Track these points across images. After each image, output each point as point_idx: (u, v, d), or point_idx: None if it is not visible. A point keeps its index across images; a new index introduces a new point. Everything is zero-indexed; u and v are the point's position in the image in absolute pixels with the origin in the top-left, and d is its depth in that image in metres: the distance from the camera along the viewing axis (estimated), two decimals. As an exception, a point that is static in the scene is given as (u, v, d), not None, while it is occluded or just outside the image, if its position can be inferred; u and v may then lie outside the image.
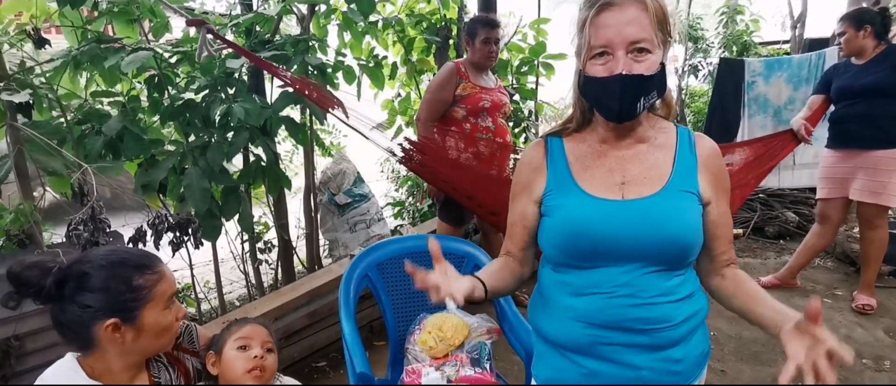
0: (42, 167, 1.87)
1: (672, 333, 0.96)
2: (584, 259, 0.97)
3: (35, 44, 2.09)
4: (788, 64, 4.13)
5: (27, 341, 1.80)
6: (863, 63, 2.70)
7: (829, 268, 3.44)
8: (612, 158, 1.01)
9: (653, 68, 0.91)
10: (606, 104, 0.95)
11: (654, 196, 0.96)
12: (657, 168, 0.99)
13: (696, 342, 1.02)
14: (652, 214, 0.94)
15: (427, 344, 1.74)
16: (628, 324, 0.95)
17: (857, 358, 2.46)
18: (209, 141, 2.27)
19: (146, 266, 1.01)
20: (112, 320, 0.96)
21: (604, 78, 0.92)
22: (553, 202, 1.02)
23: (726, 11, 5.41)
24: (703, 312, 1.04)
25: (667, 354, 0.96)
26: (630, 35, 0.89)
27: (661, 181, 0.97)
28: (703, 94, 6.03)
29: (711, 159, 1.01)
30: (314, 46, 2.56)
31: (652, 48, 0.90)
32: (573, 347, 1.00)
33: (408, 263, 0.93)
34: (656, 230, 0.93)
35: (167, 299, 1.04)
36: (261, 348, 1.22)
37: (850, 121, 2.73)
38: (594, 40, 0.92)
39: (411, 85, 3.90)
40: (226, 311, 2.78)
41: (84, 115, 2.15)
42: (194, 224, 2.07)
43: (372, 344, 2.64)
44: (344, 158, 3.35)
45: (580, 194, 0.99)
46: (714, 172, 1.01)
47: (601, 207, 0.96)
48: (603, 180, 0.99)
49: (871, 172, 2.69)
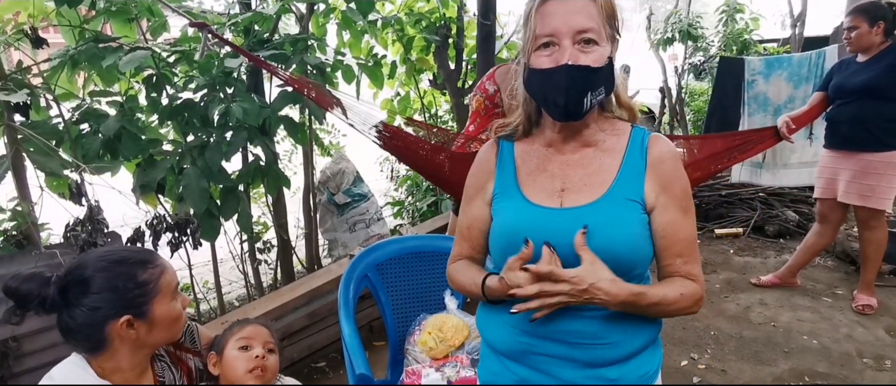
0: (39, 167, 1.86)
1: (607, 352, 0.93)
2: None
3: (32, 43, 2.08)
4: (788, 62, 4.12)
5: (25, 342, 1.79)
6: (864, 61, 2.63)
7: (829, 267, 3.43)
8: (557, 163, 0.98)
9: (600, 61, 0.88)
10: (552, 99, 0.90)
11: (592, 204, 0.93)
12: (600, 174, 0.95)
13: (637, 364, 0.97)
14: (582, 224, 0.90)
15: (427, 345, 1.74)
16: (561, 336, 0.93)
17: (858, 358, 2.45)
18: (208, 141, 2.26)
19: (147, 261, 1.03)
20: (126, 318, 0.98)
21: (549, 69, 0.88)
22: (498, 206, 1.01)
23: (726, 10, 5.40)
24: (652, 333, 0.99)
25: (599, 372, 0.93)
26: (577, 24, 0.86)
27: (603, 188, 0.94)
28: (702, 93, 6.03)
29: (663, 164, 0.95)
30: (313, 45, 2.55)
31: (599, 40, 0.88)
32: (507, 353, 1.00)
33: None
34: (589, 241, 0.88)
35: (174, 289, 1.06)
36: (262, 348, 1.22)
37: (842, 121, 2.70)
38: (539, 29, 0.88)
39: (410, 84, 3.89)
40: (225, 311, 2.77)
41: (82, 115, 2.14)
42: (193, 224, 2.06)
43: (371, 344, 2.63)
44: (343, 158, 3.35)
45: (520, 200, 0.98)
46: (663, 178, 0.94)
47: (537, 214, 0.95)
48: (544, 186, 0.97)
49: (859, 175, 2.65)
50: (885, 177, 2.60)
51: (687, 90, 5.89)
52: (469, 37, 3.65)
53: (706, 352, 2.54)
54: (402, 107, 3.94)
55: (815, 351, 2.52)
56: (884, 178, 2.61)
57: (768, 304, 2.97)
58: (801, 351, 2.52)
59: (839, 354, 2.48)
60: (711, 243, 3.94)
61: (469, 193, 1.08)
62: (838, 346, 2.54)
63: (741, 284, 3.23)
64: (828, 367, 2.39)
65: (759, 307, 2.94)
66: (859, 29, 2.58)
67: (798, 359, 2.46)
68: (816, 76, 3.96)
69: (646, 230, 0.94)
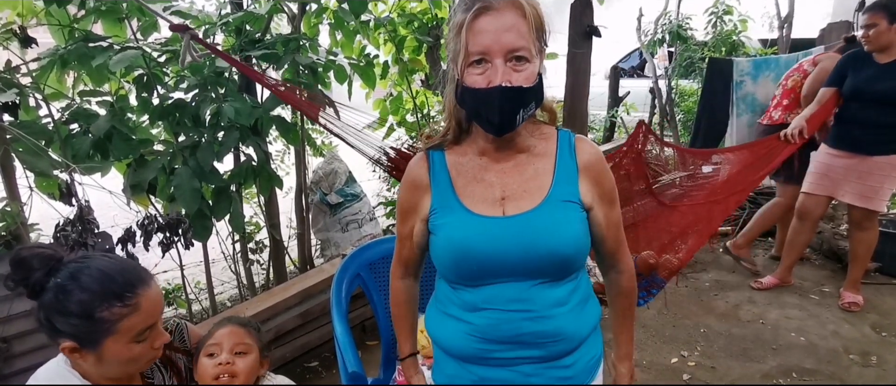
0: (29, 167, 1.85)
1: (563, 345, 0.99)
2: (472, 278, 0.97)
3: (21, 43, 2.06)
4: (776, 63, 4.17)
5: (14, 344, 1.77)
6: (886, 62, 2.50)
7: (816, 265, 3.48)
8: (493, 172, 0.99)
9: (531, 79, 0.89)
10: (486, 117, 0.91)
11: (534, 210, 0.96)
12: (537, 179, 0.98)
13: (586, 349, 1.04)
14: (531, 229, 0.94)
15: (420, 343, 1.74)
16: (522, 338, 0.97)
17: (845, 354, 2.49)
18: (199, 140, 2.25)
19: (117, 297, 0.94)
20: (69, 343, 0.95)
21: (483, 89, 0.88)
22: (438, 221, 1.00)
23: (715, 11, 5.45)
24: (596, 318, 1.06)
25: (555, 363, 1.00)
26: (508, 43, 0.86)
27: (542, 193, 0.97)
28: (692, 94, 6.08)
29: (592, 165, 1.00)
30: (305, 45, 2.55)
31: (530, 57, 0.88)
32: (464, 357, 1.03)
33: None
34: (536, 246, 0.93)
35: (137, 333, 0.97)
36: (229, 353, 1.18)
37: (857, 125, 2.61)
38: (471, 46, 0.88)
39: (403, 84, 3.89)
40: (217, 311, 2.76)
41: (71, 115, 2.13)
42: (184, 224, 2.06)
43: (364, 344, 2.64)
44: (336, 158, 3.34)
45: (462, 212, 0.98)
46: (595, 178, 1.00)
47: (482, 224, 0.96)
48: (484, 196, 0.98)
49: (864, 176, 2.63)
50: (889, 179, 2.59)
51: (677, 91, 5.93)
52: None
53: (696, 349, 2.57)
54: (394, 107, 3.94)
55: (802, 348, 2.55)
56: (887, 180, 2.59)
57: (757, 301, 3.01)
58: (789, 348, 2.55)
59: (826, 351, 2.51)
60: (701, 242, 3.97)
61: (403, 208, 1.06)
62: (825, 342, 2.58)
63: (730, 283, 3.26)
64: (815, 363, 2.43)
65: (748, 305, 2.98)
66: (878, 26, 2.45)
67: (786, 355, 2.49)
68: (804, 77, 4.00)
69: (585, 227, 0.99)
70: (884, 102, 2.50)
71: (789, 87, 3.18)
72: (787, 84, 3.21)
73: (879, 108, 2.52)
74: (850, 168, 2.67)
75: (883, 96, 2.49)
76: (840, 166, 2.71)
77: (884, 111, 2.51)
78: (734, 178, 2.40)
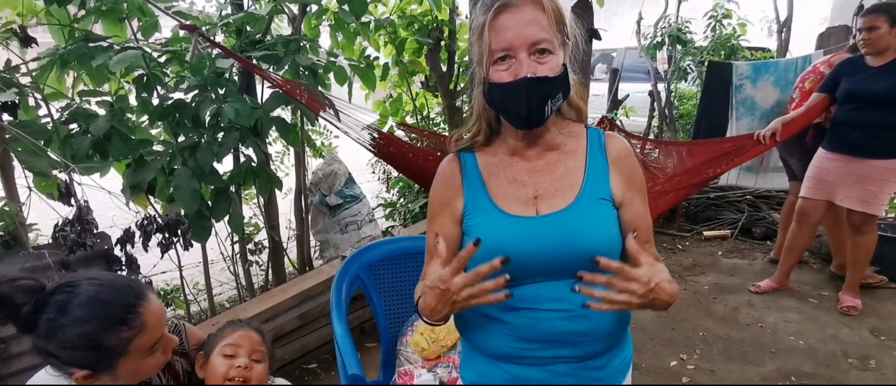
0: (28, 167, 1.84)
1: (597, 345, 0.98)
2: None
3: (21, 42, 2.06)
4: (775, 67, 4.18)
5: (12, 344, 1.77)
6: (879, 66, 2.52)
7: (815, 269, 3.48)
8: (524, 171, 1.00)
9: (556, 69, 0.90)
10: (515, 111, 0.93)
11: (567, 209, 0.96)
12: (569, 177, 0.98)
13: (618, 349, 1.04)
14: (565, 228, 0.94)
15: (419, 345, 1.74)
16: (558, 337, 0.96)
17: (844, 358, 2.49)
18: (199, 141, 2.25)
19: (121, 321, 0.92)
20: (83, 373, 0.93)
21: (509, 83, 0.90)
22: (472, 222, 1.00)
23: (714, 15, 5.47)
24: (628, 317, 1.05)
25: (589, 363, 0.99)
26: (530, 35, 0.88)
27: (574, 191, 0.97)
28: (691, 97, 6.09)
29: (622, 160, 1.00)
30: (305, 47, 2.55)
31: (553, 49, 0.90)
32: (499, 356, 1.02)
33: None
34: (571, 245, 0.93)
35: (149, 348, 0.97)
36: (247, 358, 1.19)
37: (853, 127, 2.62)
38: (495, 44, 0.90)
39: (403, 86, 3.90)
40: (215, 313, 2.76)
41: (71, 115, 2.12)
42: (183, 225, 2.05)
43: (363, 345, 2.63)
44: (335, 159, 3.34)
45: (496, 213, 0.98)
46: (626, 173, 1.00)
47: (516, 224, 0.96)
48: (516, 196, 0.98)
49: (863, 180, 2.63)
50: (889, 183, 2.59)
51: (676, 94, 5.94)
52: (461, 39, 3.67)
53: (695, 352, 2.57)
54: (394, 108, 3.94)
55: (801, 351, 2.55)
56: (887, 184, 2.59)
57: (756, 305, 3.01)
58: (788, 351, 2.55)
59: (825, 355, 2.52)
60: (699, 245, 3.98)
61: (433, 209, 1.06)
62: (824, 346, 2.58)
63: (729, 286, 3.27)
64: (814, 367, 2.43)
65: (747, 308, 2.98)
66: (879, 29, 2.46)
67: (785, 359, 2.49)
68: (803, 81, 4.02)
69: (617, 225, 0.98)
70: (879, 103, 2.52)
71: (807, 89, 3.13)
72: (805, 86, 3.18)
73: (875, 109, 2.54)
74: (847, 172, 2.68)
75: (878, 97, 2.51)
76: (838, 170, 2.71)
77: (880, 112, 2.53)
78: (692, 170, 2.41)
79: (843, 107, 2.67)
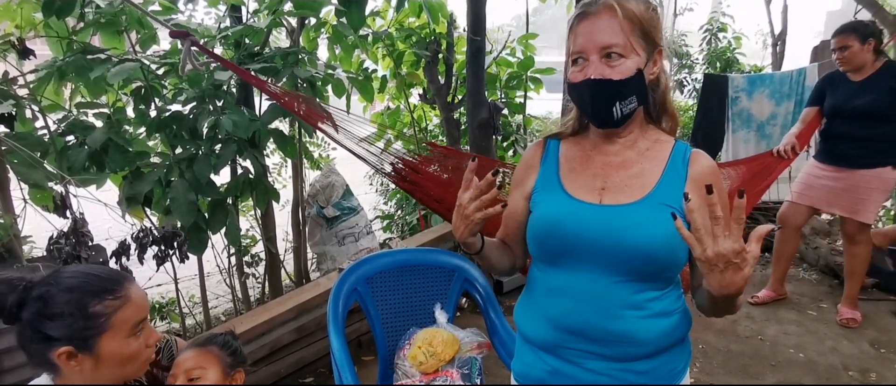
0: (24, 179, 1.84)
1: (637, 349, 0.96)
2: (553, 256, 1.00)
3: (19, 54, 2.06)
4: (771, 80, 4.21)
5: (4, 359, 1.74)
6: (860, 80, 2.61)
7: (813, 281, 3.48)
8: (599, 163, 1.03)
9: (625, 73, 0.93)
10: (583, 109, 1.01)
11: (631, 205, 0.97)
12: (641, 178, 0.99)
13: (666, 359, 1.00)
14: (622, 222, 0.95)
15: (417, 359, 1.72)
16: (588, 332, 0.97)
17: (844, 371, 2.48)
18: (196, 153, 2.25)
19: (107, 290, 0.94)
20: (65, 348, 0.91)
21: (577, 83, 0.97)
22: (538, 198, 1.06)
23: (710, 28, 5.52)
24: (682, 331, 1.02)
25: (629, 365, 0.98)
26: (601, 41, 0.93)
27: (643, 191, 0.98)
28: (688, 109, 6.14)
29: (704, 178, 0.97)
30: (304, 59, 2.56)
31: (625, 53, 0.93)
32: (541, 345, 1.04)
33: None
34: (623, 238, 0.93)
35: (132, 326, 0.96)
36: (184, 377, 1.15)
37: (840, 140, 2.69)
38: (572, 47, 0.98)
39: (401, 98, 3.91)
40: (211, 325, 2.73)
41: (68, 127, 2.12)
42: (180, 237, 2.04)
43: (360, 359, 2.60)
44: (333, 171, 3.33)
45: (561, 194, 1.02)
46: (704, 193, 0.93)
47: (576, 207, 0.99)
48: (585, 184, 1.02)
49: (851, 189, 2.68)
50: (876, 191, 2.65)
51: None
52: (459, 52, 3.68)
53: (694, 365, 2.55)
54: (392, 120, 3.95)
55: (801, 364, 2.54)
56: (874, 192, 2.65)
57: (755, 317, 3.00)
58: (788, 364, 2.54)
59: (825, 367, 2.50)
60: (698, 257, 3.97)
61: (512, 185, 1.14)
62: (824, 359, 2.57)
63: (728, 298, 3.25)
64: (814, 380, 2.41)
65: (746, 321, 2.97)
66: (852, 47, 2.55)
67: (785, 372, 2.48)
68: (798, 93, 4.05)
69: (678, 234, 0.90)
70: (864, 116, 2.60)
71: None
72: None
73: (861, 122, 2.62)
74: (836, 181, 2.73)
75: (862, 112, 2.59)
76: (826, 180, 2.77)
77: (865, 125, 2.61)
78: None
79: (831, 121, 2.75)
